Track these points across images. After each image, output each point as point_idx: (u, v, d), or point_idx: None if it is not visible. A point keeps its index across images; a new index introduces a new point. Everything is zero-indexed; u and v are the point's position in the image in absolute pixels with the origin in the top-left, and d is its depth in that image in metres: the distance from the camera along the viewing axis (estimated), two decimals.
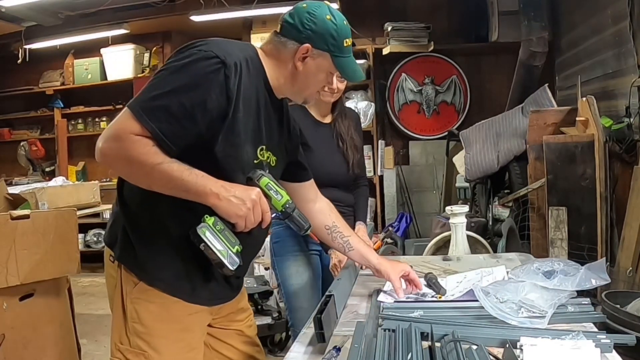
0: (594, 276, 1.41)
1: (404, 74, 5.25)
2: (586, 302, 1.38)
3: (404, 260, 1.98)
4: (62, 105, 6.23)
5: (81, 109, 6.22)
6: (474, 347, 1.12)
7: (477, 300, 1.35)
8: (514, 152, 3.53)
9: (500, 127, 3.78)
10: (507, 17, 4.44)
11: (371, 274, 1.71)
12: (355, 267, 1.91)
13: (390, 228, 4.72)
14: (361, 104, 4.81)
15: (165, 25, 5.73)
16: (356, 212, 2.30)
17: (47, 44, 5.51)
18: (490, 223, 3.58)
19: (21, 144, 6.19)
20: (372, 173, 5.06)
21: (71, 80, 6.11)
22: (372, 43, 5.18)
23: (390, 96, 5.29)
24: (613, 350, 1.12)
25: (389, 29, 4.85)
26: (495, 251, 2.66)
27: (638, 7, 2.77)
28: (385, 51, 4.93)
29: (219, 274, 1.35)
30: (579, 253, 2.65)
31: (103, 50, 5.92)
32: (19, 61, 5.55)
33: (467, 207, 2.40)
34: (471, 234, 2.48)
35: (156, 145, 1.20)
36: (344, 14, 1.42)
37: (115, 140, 1.21)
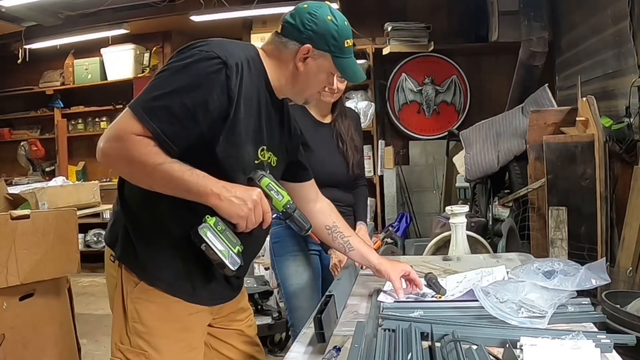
0: (594, 276, 1.42)
1: (404, 74, 5.25)
2: (586, 302, 1.39)
3: (404, 260, 1.98)
4: (62, 105, 6.23)
5: (81, 109, 6.23)
6: (474, 347, 1.12)
7: (477, 300, 1.35)
8: (514, 152, 3.53)
9: (500, 127, 3.78)
10: (507, 17, 4.44)
11: (371, 274, 1.71)
12: (355, 267, 1.91)
13: (390, 228, 4.72)
14: (361, 104, 4.81)
15: (165, 25, 5.73)
16: (356, 212, 2.30)
17: (47, 44, 5.51)
18: (490, 223, 3.58)
19: (21, 144, 6.19)
20: (372, 173, 5.05)
21: (71, 80, 6.10)
22: (372, 43, 5.17)
23: (390, 96, 5.29)
24: (613, 350, 1.12)
25: (389, 29, 4.85)
26: (495, 251, 2.65)
27: (638, 7, 2.77)
28: (385, 51, 4.92)
29: (220, 274, 1.35)
30: (579, 253, 2.65)
31: (103, 50, 5.92)
32: (19, 61, 5.54)
33: (467, 207, 2.40)
34: (471, 234, 2.48)
35: (157, 146, 1.20)
36: (344, 14, 1.43)
37: (116, 141, 1.21)
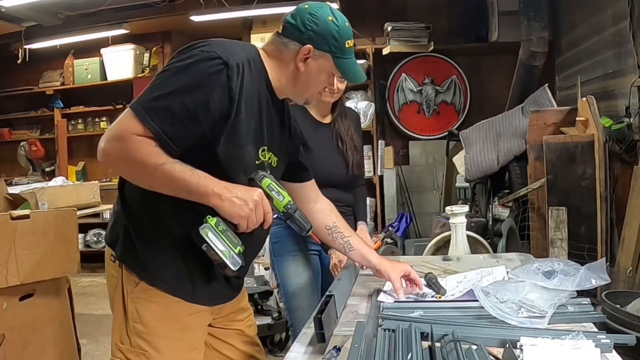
0: (594, 276, 1.42)
1: (404, 74, 5.25)
2: (586, 302, 1.39)
3: (404, 260, 1.98)
4: (62, 105, 6.22)
5: (81, 109, 6.22)
6: (474, 347, 1.12)
7: (477, 300, 1.35)
8: (514, 152, 3.53)
9: (500, 127, 3.77)
10: (507, 17, 4.44)
11: (371, 274, 1.71)
12: (355, 267, 1.91)
13: (390, 228, 4.72)
14: (361, 104, 4.81)
15: (165, 25, 5.73)
16: (357, 212, 2.30)
17: (47, 44, 5.51)
18: (490, 223, 3.58)
19: (21, 144, 6.18)
20: (372, 173, 5.05)
21: (71, 80, 6.10)
22: (372, 43, 5.17)
23: (390, 96, 5.29)
24: (613, 350, 1.12)
25: (389, 29, 4.85)
26: (495, 251, 2.66)
27: (638, 7, 2.77)
28: (385, 51, 4.92)
29: (220, 274, 1.35)
30: (579, 253, 2.65)
31: (103, 50, 5.92)
32: (19, 61, 5.54)
33: (467, 207, 2.40)
34: (471, 234, 2.48)
35: (158, 146, 1.20)
36: (344, 14, 1.42)
37: (117, 141, 1.21)
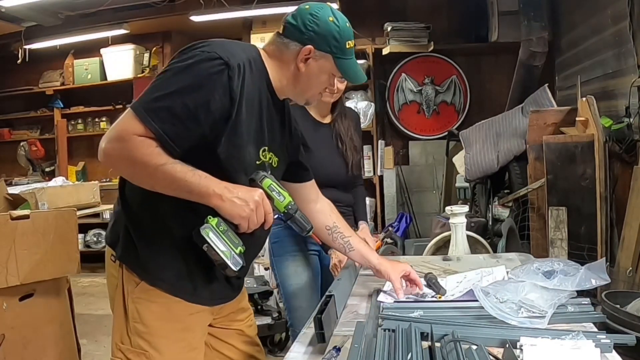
0: (594, 276, 1.42)
1: (403, 74, 5.25)
2: (586, 302, 1.39)
3: (404, 260, 1.98)
4: (62, 106, 6.22)
5: (81, 109, 6.22)
6: (474, 347, 1.12)
7: (477, 300, 1.35)
8: (514, 152, 3.52)
9: (500, 127, 3.77)
10: (507, 17, 4.44)
11: (371, 274, 1.71)
12: (355, 267, 1.91)
13: (390, 228, 4.71)
14: (361, 104, 4.81)
15: (165, 25, 5.73)
16: (357, 212, 2.30)
17: (47, 44, 5.50)
18: (490, 223, 3.58)
19: (21, 144, 6.18)
20: (372, 173, 5.05)
21: (71, 81, 6.10)
22: (372, 43, 5.17)
23: (390, 96, 5.29)
24: (613, 350, 1.13)
25: (389, 29, 4.85)
26: (495, 251, 2.66)
27: (638, 7, 2.77)
28: (385, 51, 4.92)
29: (221, 274, 1.35)
30: (579, 253, 2.65)
31: (103, 50, 5.92)
32: (19, 61, 5.54)
33: (467, 207, 2.40)
34: (471, 234, 2.48)
35: (159, 146, 1.20)
36: (344, 14, 1.43)
37: (118, 141, 1.21)
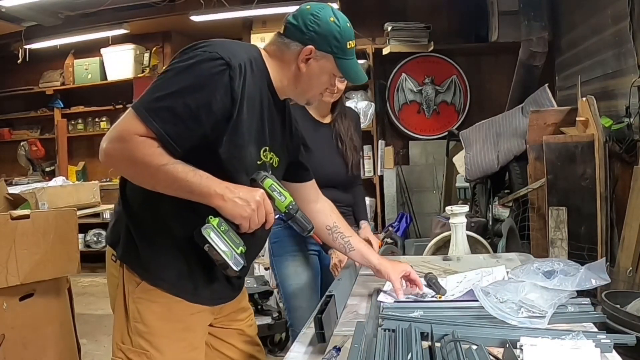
0: (594, 276, 1.42)
1: (404, 74, 5.25)
2: (586, 302, 1.39)
3: (404, 260, 1.98)
4: (62, 105, 6.22)
5: (81, 109, 6.22)
6: (474, 347, 1.12)
7: (477, 300, 1.36)
8: (514, 152, 3.52)
9: (500, 127, 3.77)
10: (507, 17, 4.44)
11: (371, 274, 1.71)
12: (355, 267, 1.91)
13: (390, 228, 4.71)
14: (361, 104, 4.80)
15: (165, 25, 5.73)
16: (357, 212, 2.30)
17: (47, 44, 5.50)
18: (490, 223, 3.58)
19: (21, 144, 6.18)
20: (372, 173, 5.05)
21: (71, 80, 6.10)
22: (372, 43, 5.17)
23: (390, 96, 5.29)
24: (613, 350, 1.13)
25: (389, 29, 4.84)
26: (495, 251, 2.65)
27: (638, 7, 2.77)
28: (385, 51, 4.92)
29: (221, 274, 1.35)
30: (579, 253, 2.65)
31: (103, 50, 5.92)
32: (19, 61, 5.54)
33: (467, 207, 2.39)
34: (471, 234, 2.48)
35: (161, 147, 1.20)
36: (344, 13, 1.42)
37: (119, 141, 1.21)
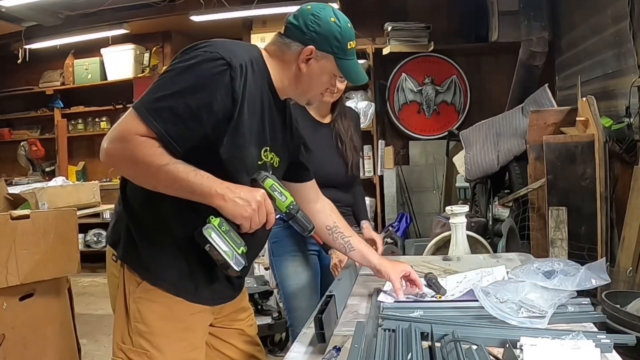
0: (594, 276, 1.42)
1: (404, 74, 5.25)
2: (586, 302, 1.39)
3: (404, 260, 1.98)
4: (62, 105, 6.22)
5: (81, 109, 6.22)
6: (474, 347, 1.12)
7: (477, 300, 1.36)
8: (514, 152, 3.52)
9: (500, 127, 3.77)
10: (507, 17, 4.44)
11: (371, 274, 1.71)
12: (356, 267, 1.91)
13: (390, 228, 4.71)
14: (361, 104, 4.80)
15: (165, 25, 5.72)
16: (358, 212, 2.30)
17: (47, 44, 5.50)
18: (490, 223, 3.58)
19: (21, 144, 6.18)
20: (372, 173, 5.05)
21: (71, 80, 6.10)
22: (372, 43, 5.17)
23: (390, 96, 5.29)
24: (613, 350, 1.13)
25: (389, 29, 4.84)
26: (495, 251, 2.65)
27: (638, 7, 2.77)
28: (385, 51, 4.92)
29: (222, 274, 1.35)
30: (579, 253, 2.65)
31: (103, 50, 5.92)
32: (19, 61, 5.53)
33: (467, 207, 2.40)
34: (471, 234, 2.48)
35: (162, 147, 1.20)
36: (344, 14, 1.42)
37: (120, 141, 1.21)
